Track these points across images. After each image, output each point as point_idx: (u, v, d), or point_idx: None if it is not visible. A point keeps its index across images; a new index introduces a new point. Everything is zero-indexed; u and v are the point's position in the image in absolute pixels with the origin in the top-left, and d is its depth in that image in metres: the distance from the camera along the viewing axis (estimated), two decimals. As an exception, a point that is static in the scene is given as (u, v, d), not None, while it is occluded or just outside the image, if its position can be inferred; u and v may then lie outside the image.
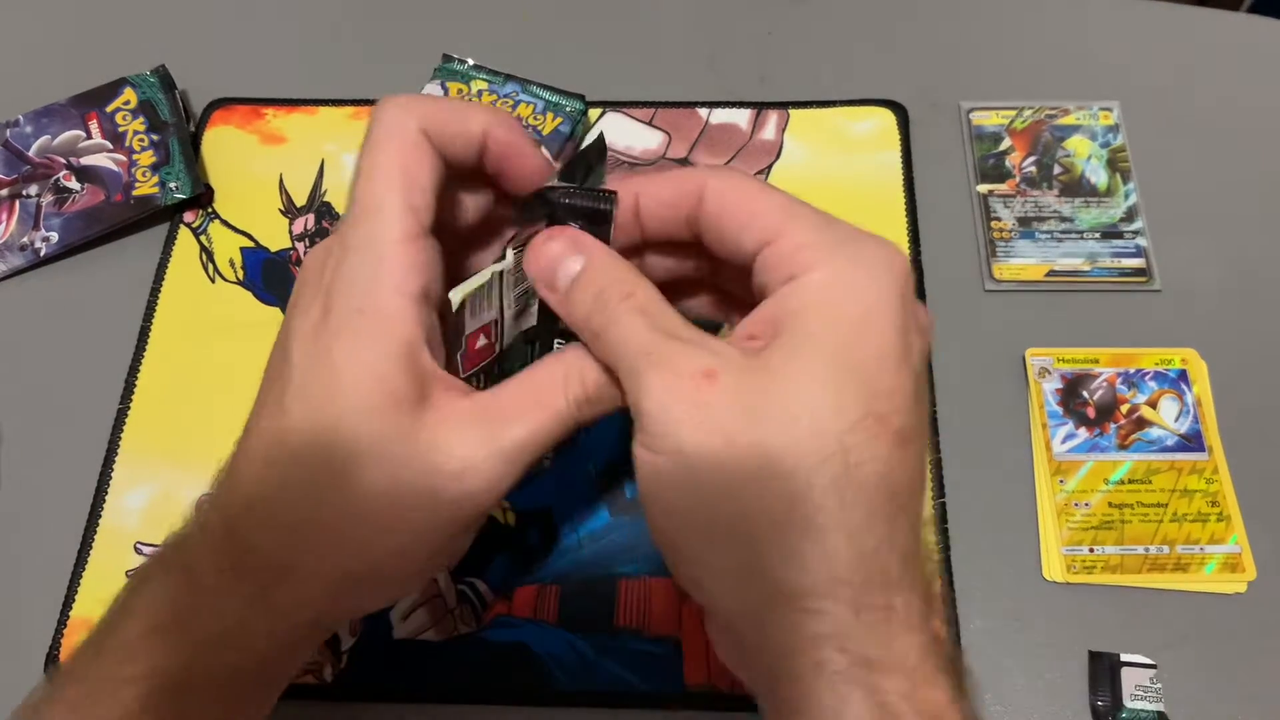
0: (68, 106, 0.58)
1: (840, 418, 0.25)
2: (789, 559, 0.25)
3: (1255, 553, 0.44)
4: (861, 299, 0.26)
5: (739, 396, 0.25)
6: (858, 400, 0.25)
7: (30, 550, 0.47)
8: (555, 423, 0.29)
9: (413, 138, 0.30)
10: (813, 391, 0.25)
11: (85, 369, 0.51)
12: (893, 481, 0.25)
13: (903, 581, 0.25)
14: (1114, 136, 0.56)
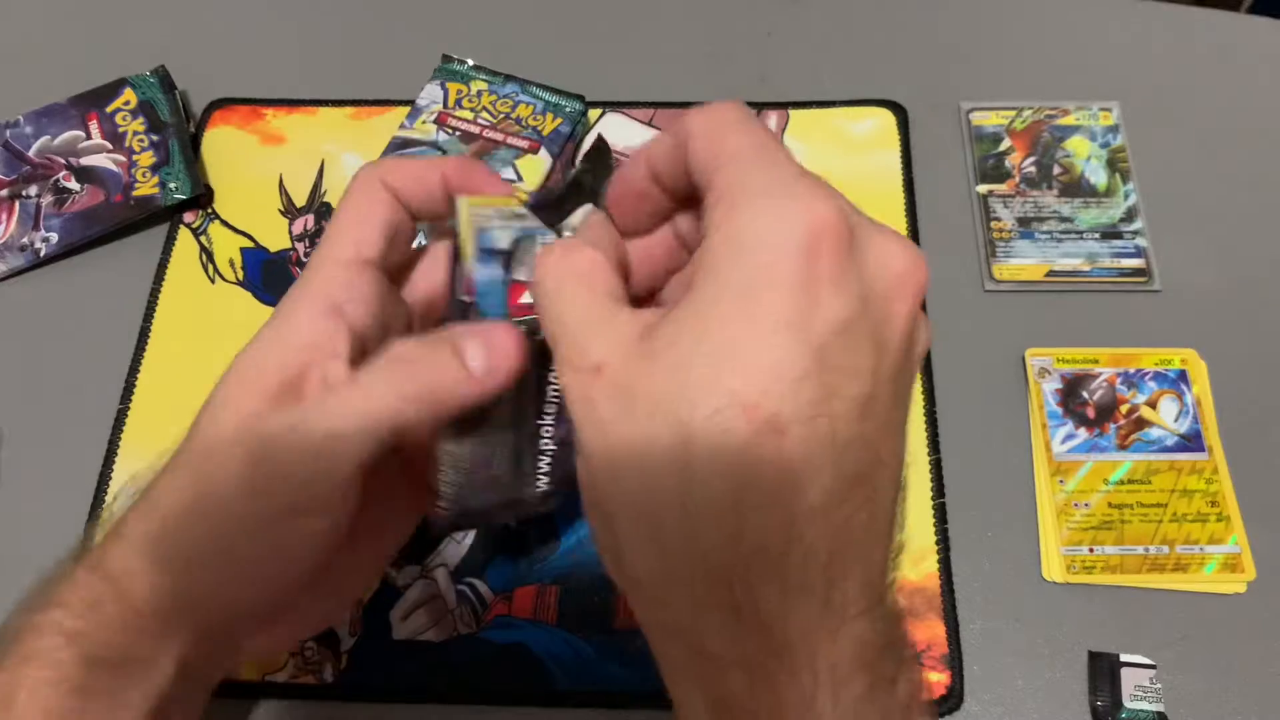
0: (68, 107, 0.58)
1: (698, 408, 0.23)
2: (636, 552, 0.25)
3: (1255, 553, 0.44)
4: (753, 259, 0.23)
5: (617, 390, 0.24)
6: (722, 389, 0.23)
7: (30, 550, 0.47)
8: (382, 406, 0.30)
9: (375, 190, 0.33)
10: (677, 381, 0.23)
11: (85, 369, 0.51)
12: (751, 475, 0.23)
13: (764, 577, 0.23)
14: (1114, 137, 0.56)
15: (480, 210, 0.31)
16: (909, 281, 0.25)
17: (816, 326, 0.23)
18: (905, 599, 0.44)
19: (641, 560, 0.25)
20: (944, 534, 0.45)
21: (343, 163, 0.56)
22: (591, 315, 0.26)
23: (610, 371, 0.25)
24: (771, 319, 0.23)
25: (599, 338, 0.25)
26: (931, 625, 0.43)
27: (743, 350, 0.23)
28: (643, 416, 0.24)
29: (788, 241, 0.23)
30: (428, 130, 0.54)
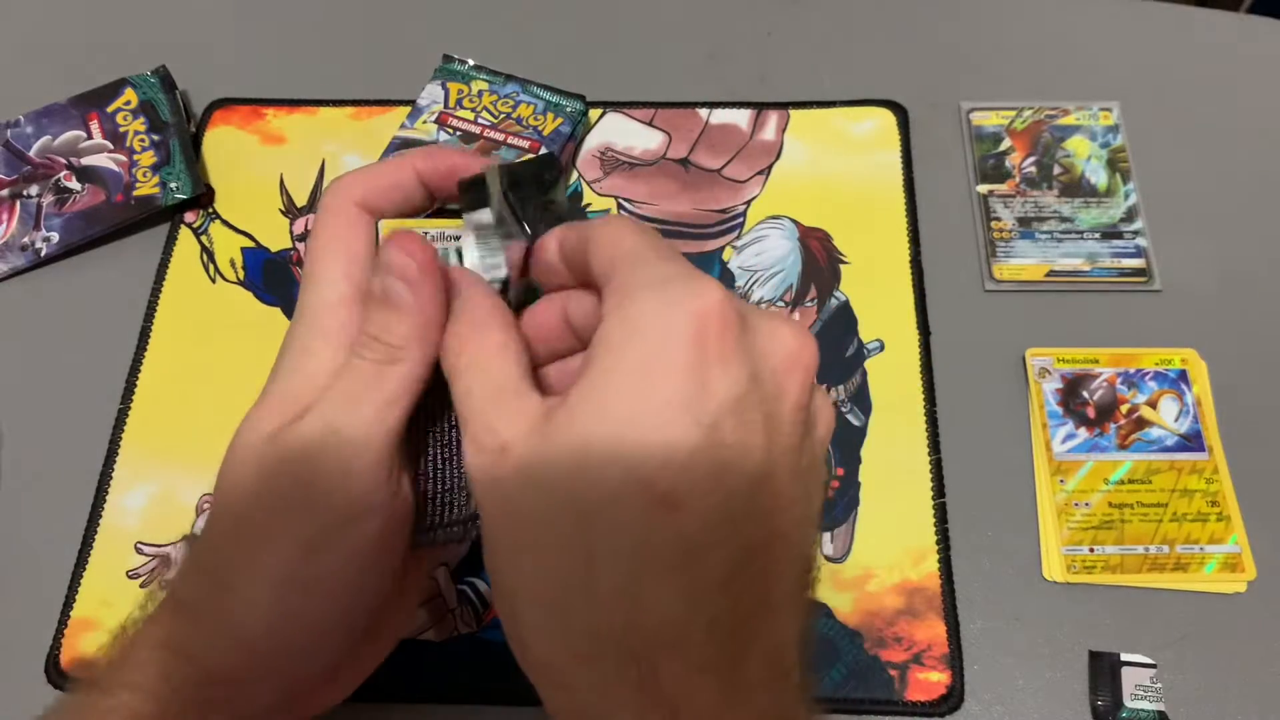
0: (68, 107, 0.58)
1: (596, 487, 0.24)
2: (540, 633, 0.25)
3: (1255, 553, 0.44)
4: (645, 343, 0.24)
5: (520, 471, 0.25)
6: (619, 467, 0.24)
7: (30, 550, 0.47)
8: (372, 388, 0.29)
9: (349, 213, 0.32)
10: (576, 460, 0.24)
11: (86, 369, 0.51)
12: (651, 551, 0.23)
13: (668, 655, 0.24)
14: (1114, 137, 0.56)
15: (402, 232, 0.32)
16: (799, 360, 0.26)
17: (708, 405, 0.24)
18: (905, 599, 0.44)
19: (546, 642, 0.25)
20: (944, 534, 0.45)
21: (343, 163, 0.56)
22: (503, 393, 0.27)
23: (515, 452, 0.25)
24: (664, 398, 0.24)
25: (506, 417, 0.26)
26: (931, 625, 0.43)
27: (638, 429, 0.24)
28: (545, 498, 0.24)
29: (677, 326, 0.24)
30: (428, 130, 0.54)
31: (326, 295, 0.31)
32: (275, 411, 0.30)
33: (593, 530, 0.24)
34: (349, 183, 0.33)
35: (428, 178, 0.33)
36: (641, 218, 0.54)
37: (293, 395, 0.30)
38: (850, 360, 0.49)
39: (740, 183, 0.55)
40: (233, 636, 0.29)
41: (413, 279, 0.29)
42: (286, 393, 0.30)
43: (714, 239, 0.53)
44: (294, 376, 0.30)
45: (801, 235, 0.53)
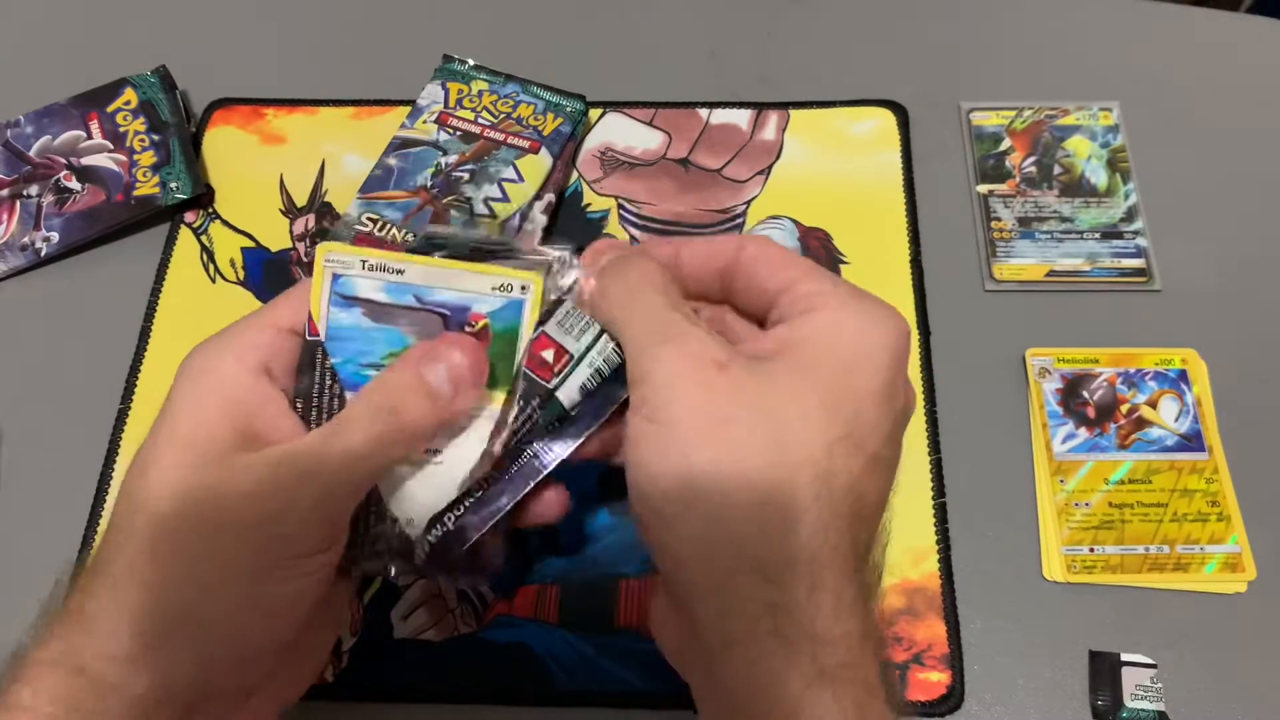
0: (68, 106, 0.58)
1: (827, 430, 0.28)
2: (760, 534, 0.27)
3: (1255, 553, 0.44)
4: (861, 342, 0.29)
5: (742, 388, 0.28)
6: (843, 421, 0.28)
7: (30, 550, 0.47)
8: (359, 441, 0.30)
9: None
10: (808, 401, 0.28)
11: (86, 369, 0.51)
12: (861, 496, 0.28)
13: (854, 579, 0.28)
14: (1114, 137, 0.56)
15: (339, 257, 0.33)
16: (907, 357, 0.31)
17: (897, 404, 0.30)
18: (905, 599, 0.44)
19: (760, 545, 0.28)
20: (944, 534, 0.45)
21: (343, 163, 0.56)
22: (692, 316, 0.30)
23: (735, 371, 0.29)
24: (872, 387, 0.29)
25: (716, 339, 0.29)
26: (931, 625, 0.43)
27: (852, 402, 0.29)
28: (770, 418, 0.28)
29: (886, 339, 0.30)
30: (428, 130, 0.54)
31: (258, 315, 0.33)
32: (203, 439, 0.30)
33: (799, 472, 0.27)
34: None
35: None
36: (641, 218, 0.54)
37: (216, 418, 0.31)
38: (850, 360, 0.49)
39: (740, 182, 0.55)
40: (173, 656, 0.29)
41: (462, 384, 0.32)
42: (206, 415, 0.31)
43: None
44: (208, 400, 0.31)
45: (801, 235, 0.53)
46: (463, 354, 0.32)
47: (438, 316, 0.33)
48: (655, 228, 0.54)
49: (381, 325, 0.33)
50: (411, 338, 0.33)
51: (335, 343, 0.33)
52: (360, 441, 0.30)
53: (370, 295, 0.33)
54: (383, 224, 0.51)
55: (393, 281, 0.33)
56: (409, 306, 0.33)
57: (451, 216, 0.51)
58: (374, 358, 0.33)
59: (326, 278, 0.33)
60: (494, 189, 0.52)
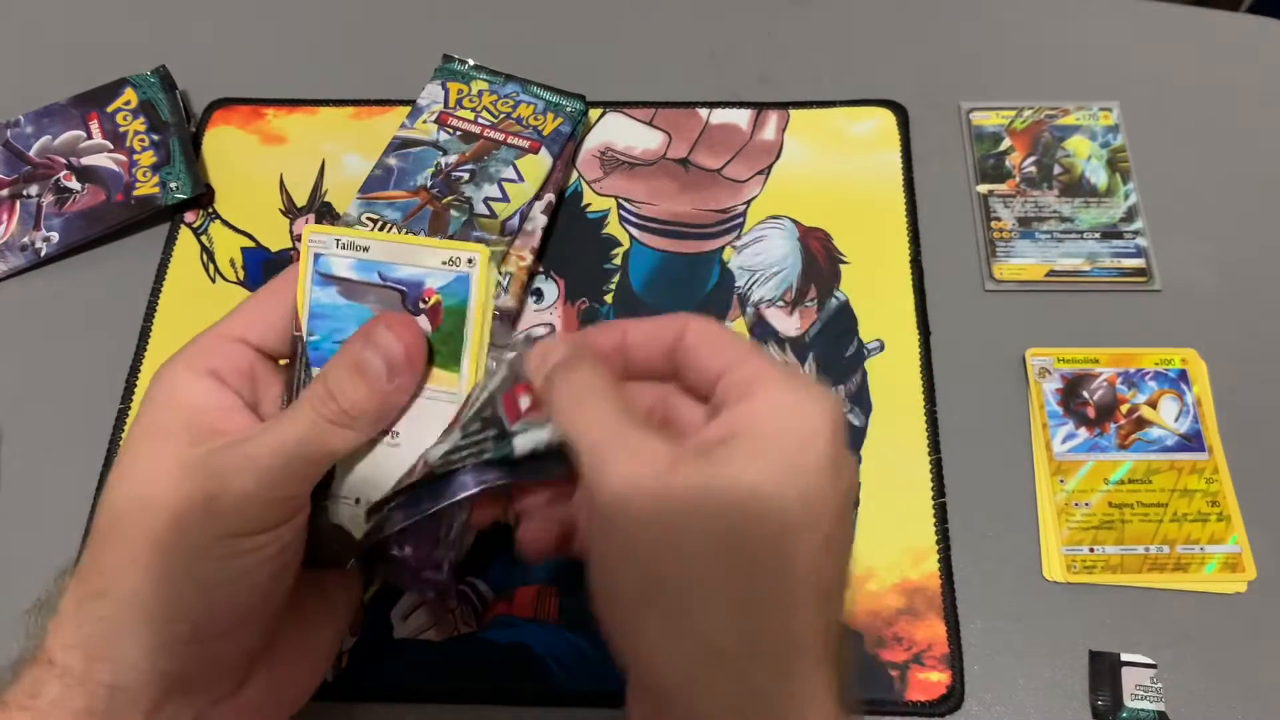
0: (68, 106, 0.58)
1: (780, 517, 0.28)
2: (724, 627, 0.28)
3: (1255, 553, 0.44)
4: (801, 423, 0.29)
5: (693, 486, 0.28)
6: (795, 504, 0.28)
7: (30, 550, 0.47)
8: (302, 426, 0.32)
9: (291, 281, 0.35)
10: (759, 489, 0.28)
11: (86, 369, 0.51)
12: (822, 578, 0.29)
13: (825, 663, 0.28)
14: (1114, 136, 0.56)
15: (319, 237, 0.34)
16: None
17: (842, 485, 0.29)
18: (905, 599, 0.44)
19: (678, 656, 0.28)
20: (944, 534, 0.45)
21: (343, 163, 0.56)
22: (637, 434, 0.30)
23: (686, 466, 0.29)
24: (819, 466, 0.29)
25: (663, 440, 0.30)
26: (931, 625, 0.43)
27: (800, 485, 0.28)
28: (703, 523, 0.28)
29: (826, 419, 0.29)
30: (428, 130, 0.54)
31: (213, 327, 0.34)
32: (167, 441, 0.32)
33: (758, 558, 0.28)
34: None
35: None
36: (641, 217, 0.54)
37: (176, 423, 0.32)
38: (850, 360, 0.49)
39: (740, 182, 0.55)
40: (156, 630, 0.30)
41: (395, 365, 0.33)
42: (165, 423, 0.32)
43: (714, 239, 0.53)
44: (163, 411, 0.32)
45: (801, 235, 0.53)
46: (395, 335, 0.33)
47: (397, 293, 0.34)
48: (655, 227, 0.54)
49: (353, 302, 0.34)
50: (376, 314, 0.34)
51: (317, 320, 0.34)
52: (298, 428, 0.32)
53: (343, 273, 0.34)
54: (383, 224, 0.51)
55: (360, 259, 0.34)
56: (374, 283, 0.34)
57: (451, 217, 0.51)
58: (346, 334, 0.34)
59: (309, 258, 0.34)
60: (494, 189, 0.52)
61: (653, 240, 0.53)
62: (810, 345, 0.50)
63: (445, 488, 0.33)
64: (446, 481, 0.33)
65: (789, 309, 0.51)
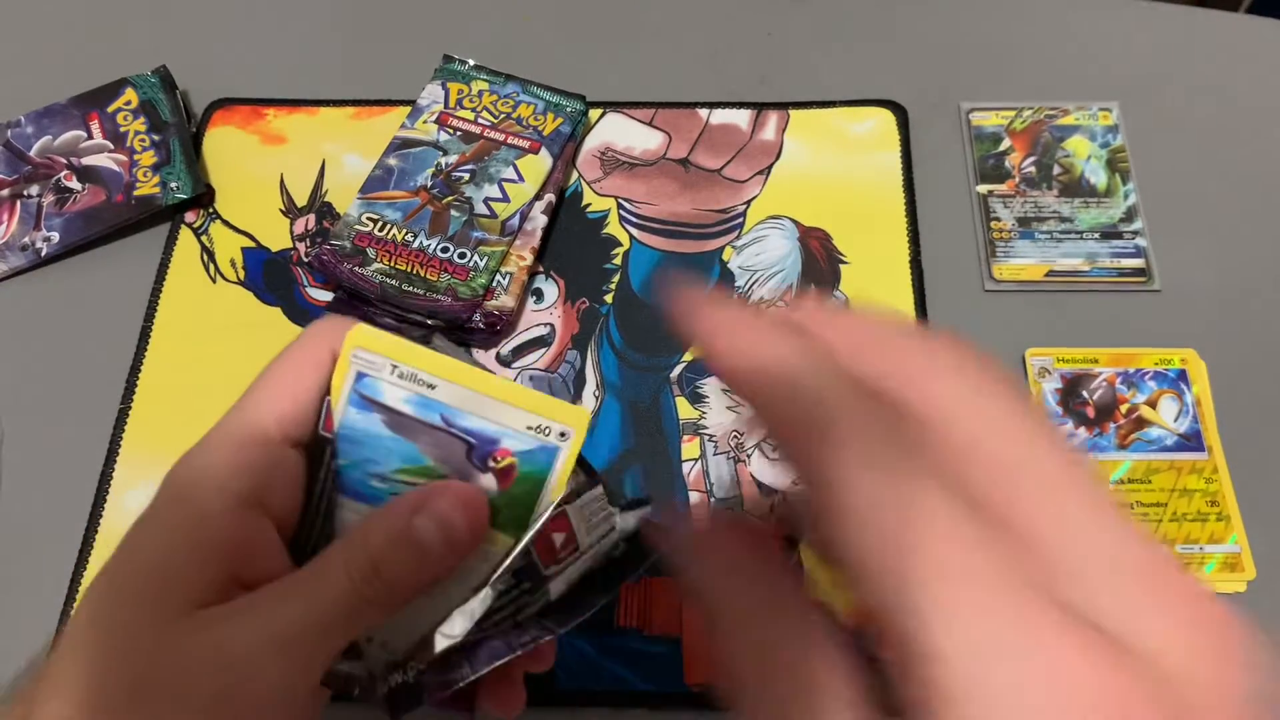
0: (69, 107, 0.58)
1: None
2: None
3: (1255, 552, 0.44)
4: None
5: None
6: None
7: (31, 550, 0.47)
8: (337, 598, 0.26)
9: (318, 358, 0.30)
10: None
11: (86, 369, 0.51)
12: None
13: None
14: (1113, 137, 0.56)
15: (369, 356, 0.30)
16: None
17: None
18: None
19: None
20: (944, 534, 0.45)
21: (344, 163, 0.56)
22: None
23: None
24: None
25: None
26: (931, 625, 0.43)
27: None
28: None
29: None
30: (429, 130, 0.54)
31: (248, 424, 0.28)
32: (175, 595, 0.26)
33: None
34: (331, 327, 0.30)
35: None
36: (641, 217, 0.54)
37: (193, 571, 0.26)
38: (850, 360, 0.49)
39: (740, 183, 0.55)
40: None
41: (455, 544, 0.27)
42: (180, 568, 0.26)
43: (714, 239, 0.53)
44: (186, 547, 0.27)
45: (801, 235, 0.53)
46: (460, 509, 0.28)
47: (462, 443, 0.30)
48: (655, 227, 0.54)
49: (400, 438, 0.30)
50: (429, 459, 0.30)
51: (347, 443, 0.30)
52: (334, 600, 0.26)
53: (394, 404, 0.30)
54: (383, 224, 0.51)
55: (422, 395, 0.30)
56: (433, 425, 0.30)
57: (451, 217, 0.52)
58: (385, 469, 0.30)
59: (351, 374, 0.30)
60: (494, 189, 0.52)
61: (653, 240, 0.53)
62: (810, 345, 0.50)
63: (481, 653, 0.29)
64: (481, 647, 0.29)
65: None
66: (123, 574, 0.27)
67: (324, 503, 0.30)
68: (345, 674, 0.29)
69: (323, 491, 0.30)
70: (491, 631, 0.29)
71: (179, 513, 0.27)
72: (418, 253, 0.50)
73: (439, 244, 0.51)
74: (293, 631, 0.26)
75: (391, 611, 0.28)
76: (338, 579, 0.27)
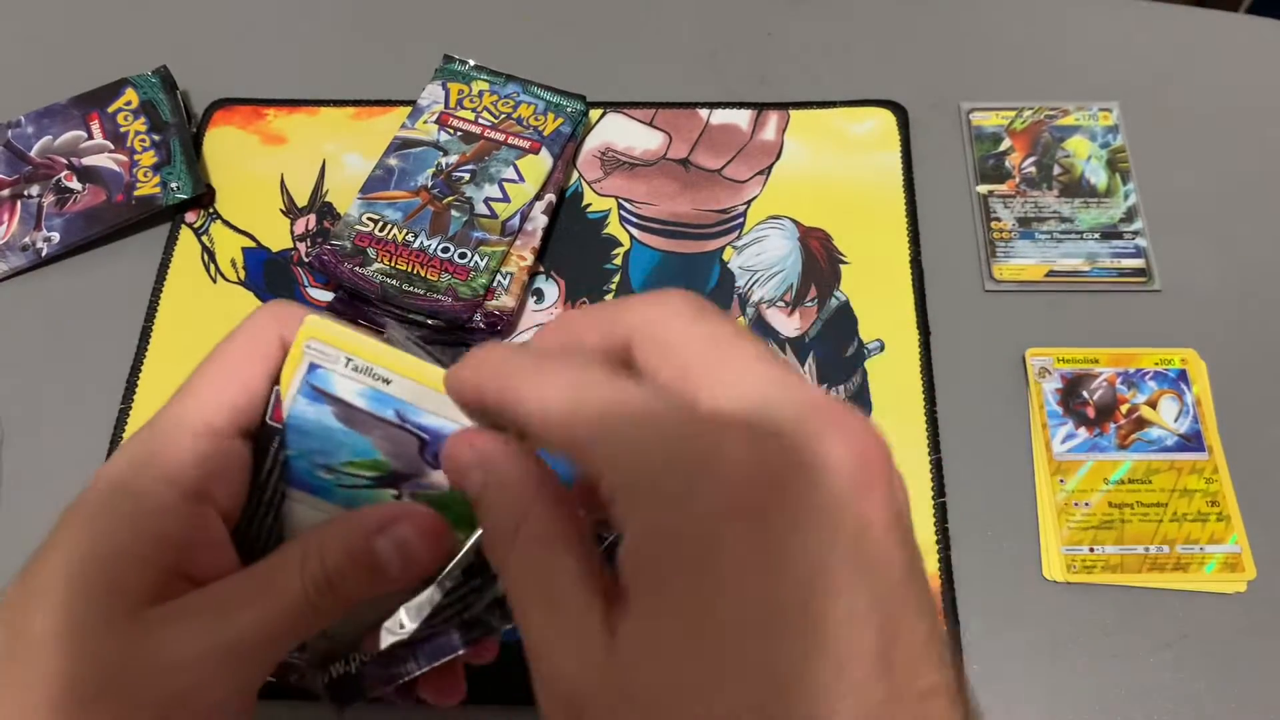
0: (69, 107, 0.58)
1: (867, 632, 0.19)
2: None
3: (1255, 552, 0.45)
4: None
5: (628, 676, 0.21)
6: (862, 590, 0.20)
7: (31, 550, 0.47)
8: (289, 609, 0.26)
9: (266, 345, 0.29)
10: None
11: (87, 369, 0.51)
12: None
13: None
14: (1113, 137, 0.56)
15: (323, 347, 0.29)
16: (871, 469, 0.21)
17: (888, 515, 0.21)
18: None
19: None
20: (944, 534, 0.45)
21: (344, 163, 0.56)
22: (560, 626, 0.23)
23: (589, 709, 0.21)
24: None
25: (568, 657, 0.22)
26: (932, 625, 0.43)
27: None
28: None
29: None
30: (429, 130, 0.54)
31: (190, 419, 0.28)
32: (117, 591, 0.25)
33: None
34: (280, 312, 0.30)
35: None
36: (642, 217, 0.54)
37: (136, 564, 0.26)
38: (850, 360, 0.50)
39: (740, 183, 0.55)
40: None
41: (412, 567, 0.27)
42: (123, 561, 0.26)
43: (714, 239, 0.53)
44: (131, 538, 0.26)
45: (802, 235, 0.53)
46: (422, 537, 0.27)
47: (415, 439, 0.29)
48: (655, 227, 0.54)
49: (352, 431, 0.29)
50: (381, 453, 0.29)
51: (295, 434, 0.29)
52: (285, 608, 0.26)
53: (347, 397, 0.29)
54: (383, 224, 0.51)
55: (376, 389, 0.29)
56: (387, 420, 0.29)
57: (452, 217, 0.52)
58: (333, 461, 0.30)
59: (303, 365, 0.29)
60: (494, 189, 0.52)
61: (653, 240, 0.53)
62: (810, 345, 0.50)
63: (427, 649, 0.29)
64: (428, 643, 0.29)
65: (789, 309, 0.51)
66: (68, 569, 0.26)
67: (270, 493, 0.30)
68: (285, 662, 0.29)
69: (268, 481, 0.30)
70: (439, 627, 0.29)
71: (125, 505, 0.26)
72: (418, 253, 0.50)
73: (439, 244, 0.51)
74: (244, 639, 0.26)
75: (339, 617, 0.28)
76: (291, 587, 0.26)
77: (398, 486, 0.30)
